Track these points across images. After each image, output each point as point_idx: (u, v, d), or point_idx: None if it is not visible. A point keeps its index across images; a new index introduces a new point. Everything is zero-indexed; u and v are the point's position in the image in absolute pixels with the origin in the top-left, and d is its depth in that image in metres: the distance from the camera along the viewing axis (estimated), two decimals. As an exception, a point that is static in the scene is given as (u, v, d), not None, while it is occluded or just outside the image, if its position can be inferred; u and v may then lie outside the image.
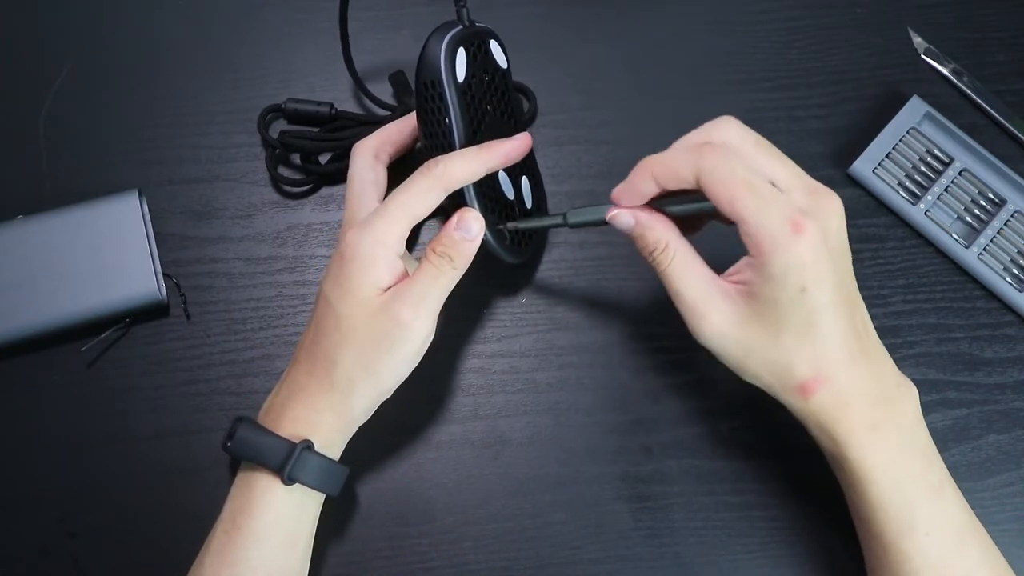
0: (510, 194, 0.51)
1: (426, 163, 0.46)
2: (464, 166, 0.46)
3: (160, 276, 0.54)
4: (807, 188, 0.43)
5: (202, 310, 0.55)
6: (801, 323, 0.42)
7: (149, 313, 0.54)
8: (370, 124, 0.55)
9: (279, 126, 0.57)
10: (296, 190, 0.57)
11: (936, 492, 0.44)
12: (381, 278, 0.45)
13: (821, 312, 0.42)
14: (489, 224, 0.48)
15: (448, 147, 0.48)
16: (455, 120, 0.47)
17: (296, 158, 0.57)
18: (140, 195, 0.54)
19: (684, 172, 0.42)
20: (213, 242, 0.56)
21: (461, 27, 0.48)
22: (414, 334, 0.45)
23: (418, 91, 0.48)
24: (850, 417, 0.43)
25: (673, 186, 0.43)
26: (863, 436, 0.44)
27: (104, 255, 0.53)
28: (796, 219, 0.40)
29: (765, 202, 0.41)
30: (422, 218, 0.46)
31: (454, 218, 0.46)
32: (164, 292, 0.54)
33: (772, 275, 0.41)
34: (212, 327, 0.55)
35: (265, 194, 0.57)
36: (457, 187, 0.46)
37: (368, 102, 0.57)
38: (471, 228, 0.46)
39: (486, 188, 0.49)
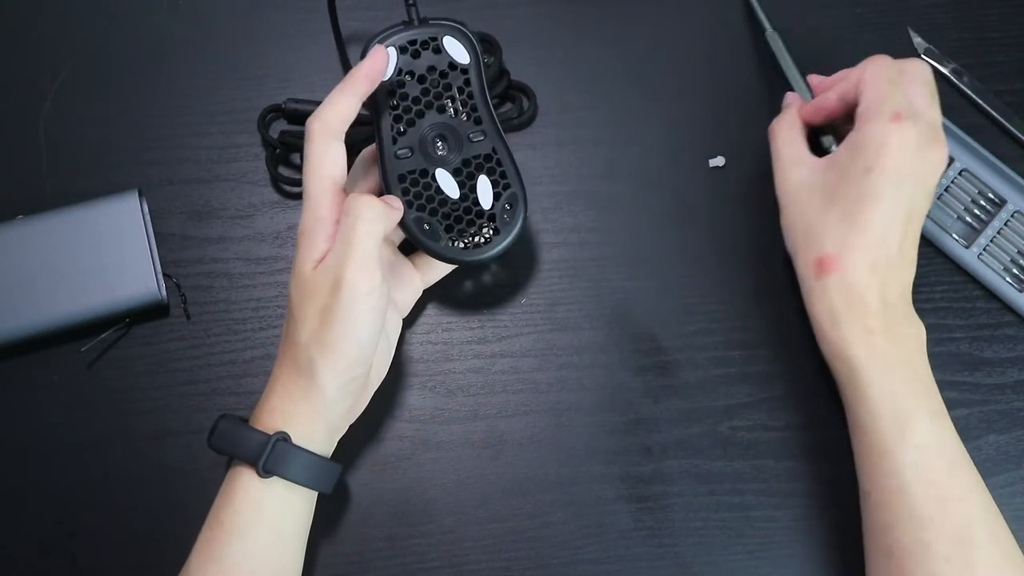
0: (453, 193, 0.49)
1: (305, 127, 0.46)
2: (331, 106, 0.46)
3: (160, 276, 0.54)
4: (932, 123, 0.46)
5: (202, 310, 0.55)
6: (851, 202, 0.45)
7: (149, 313, 0.54)
8: (370, 124, 0.55)
9: (279, 126, 0.57)
10: (296, 190, 0.57)
11: (931, 417, 0.45)
12: (322, 251, 0.45)
13: (870, 200, 0.44)
14: (411, 217, 0.48)
15: (379, 144, 0.49)
16: (375, 117, 0.49)
17: (296, 158, 0.57)
18: (140, 195, 0.54)
19: (853, 74, 0.48)
20: (213, 242, 0.56)
21: (401, 27, 0.49)
22: (349, 293, 0.44)
23: None
24: (853, 316, 0.45)
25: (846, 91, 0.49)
26: (862, 336, 0.45)
27: (104, 255, 0.53)
28: (901, 113, 0.44)
29: (891, 89, 0.46)
30: (341, 178, 0.46)
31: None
32: (164, 292, 0.54)
33: (855, 143, 0.45)
34: (212, 327, 0.55)
35: (265, 194, 0.57)
36: (342, 128, 0.46)
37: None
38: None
39: (418, 187, 0.49)
